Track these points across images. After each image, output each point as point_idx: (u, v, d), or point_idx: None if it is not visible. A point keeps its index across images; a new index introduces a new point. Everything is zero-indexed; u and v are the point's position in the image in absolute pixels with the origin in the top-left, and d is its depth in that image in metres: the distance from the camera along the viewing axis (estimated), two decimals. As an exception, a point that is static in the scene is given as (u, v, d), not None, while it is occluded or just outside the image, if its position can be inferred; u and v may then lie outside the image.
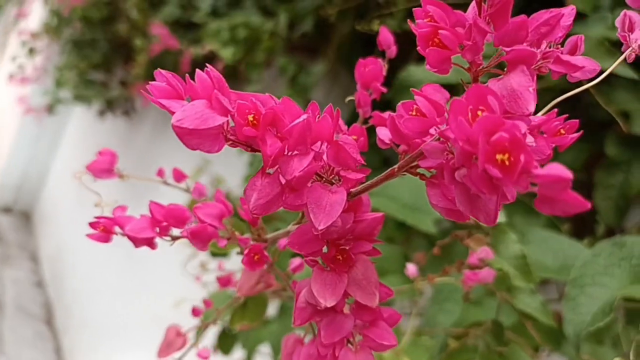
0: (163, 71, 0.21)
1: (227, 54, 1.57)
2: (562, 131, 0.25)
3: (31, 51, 2.78)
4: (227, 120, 0.21)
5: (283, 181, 0.22)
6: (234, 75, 1.68)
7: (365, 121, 0.35)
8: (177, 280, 1.03)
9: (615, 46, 0.82)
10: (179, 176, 0.41)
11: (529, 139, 0.19)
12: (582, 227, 1.02)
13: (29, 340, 2.63)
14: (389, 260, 0.69)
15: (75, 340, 2.55)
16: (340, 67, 1.42)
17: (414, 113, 0.20)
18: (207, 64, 0.23)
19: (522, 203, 0.96)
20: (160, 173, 0.41)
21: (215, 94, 0.20)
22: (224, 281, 0.45)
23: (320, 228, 0.22)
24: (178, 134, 0.19)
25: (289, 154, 0.22)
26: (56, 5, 2.43)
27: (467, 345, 0.58)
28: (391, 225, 0.85)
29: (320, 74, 1.48)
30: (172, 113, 0.20)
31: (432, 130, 0.20)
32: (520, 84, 0.19)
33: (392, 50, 0.35)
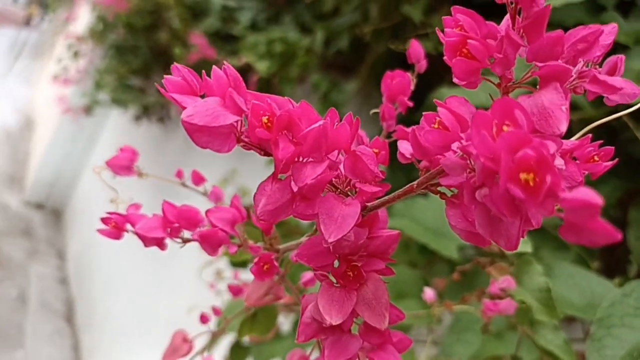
0: (179, 65, 0.21)
1: (262, 67, 1.59)
2: (596, 158, 0.23)
3: (76, 54, 2.87)
4: (240, 120, 0.20)
5: (295, 188, 0.21)
6: (267, 89, 1.70)
7: (389, 135, 0.34)
8: (196, 286, 1.03)
9: (658, 79, 0.79)
10: (197, 179, 0.40)
11: (559, 161, 0.18)
12: (614, 266, 0.98)
13: (48, 335, 2.67)
14: (409, 284, 0.67)
15: (94, 339, 2.58)
16: (373, 86, 1.41)
17: (436, 125, 0.19)
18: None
19: (551, 236, 0.93)
20: (179, 174, 0.41)
21: (229, 92, 0.20)
22: (236, 290, 0.44)
23: (330, 240, 0.21)
24: (187, 130, 0.19)
25: (303, 160, 0.21)
26: (103, 11, 2.51)
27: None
28: (414, 248, 0.84)
29: (352, 92, 1.48)
30: (184, 108, 0.19)
31: (454, 146, 0.19)
32: (552, 101, 0.18)
33: (422, 65, 0.34)
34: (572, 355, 0.50)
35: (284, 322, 0.94)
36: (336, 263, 0.26)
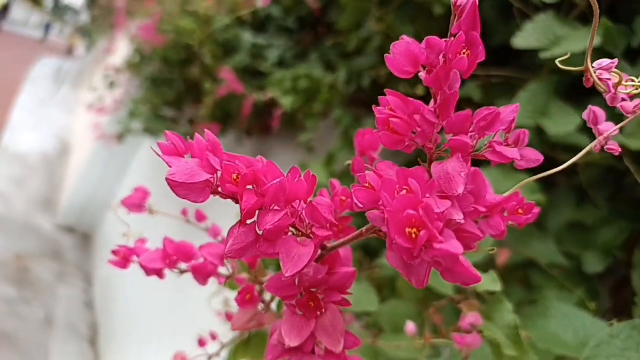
0: (169, 133, 0.26)
1: (287, 102, 1.64)
2: (520, 211, 0.28)
3: (111, 84, 3.01)
4: (215, 177, 0.25)
5: (259, 232, 0.26)
6: (291, 123, 1.76)
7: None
8: (210, 315, 1.08)
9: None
10: (200, 217, 0.45)
11: (458, 216, 0.22)
12: (622, 307, 0.99)
13: (72, 357, 2.74)
14: (404, 318, 0.70)
15: (115, 363, 2.63)
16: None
17: (367, 185, 0.24)
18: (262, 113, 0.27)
19: (555, 279, 0.95)
20: (184, 213, 0.46)
21: (207, 154, 0.25)
22: (231, 316, 0.48)
23: (287, 275, 0.26)
24: (170, 185, 0.24)
25: (268, 209, 0.26)
26: (140, 45, 2.62)
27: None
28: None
29: (372, 128, 1.52)
30: (170, 167, 0.24)
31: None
32: (455, 169, 0.22)
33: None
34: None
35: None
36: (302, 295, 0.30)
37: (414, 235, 0.18)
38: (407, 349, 0.65)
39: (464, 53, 0.22)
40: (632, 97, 0.32)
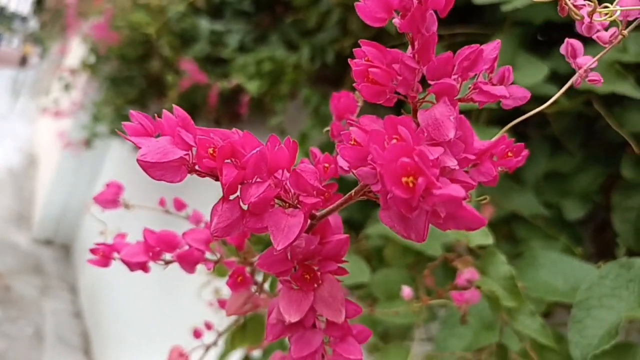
0: (134, 112, 0.24)
1: (252, 87, 1.62)
2: (510, 154, 0.27)
3: (67, 87, 2.92)
4: (190, 154, 0.23)
5: (244, 206, 0.25)
6: (260, 107, 1.73)
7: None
8: (201, 307, 1.06)
9: (627, 68, 0.83)
10: (179, 205, 0.44)
11: (452, 162, 0.21)
12: (604, 250, 1.00)
13: (67, 369, 2.70)
14: (398, 284, 0.70)
15: (111, 369, 2.60)
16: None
17: (352, 142, 0.22)
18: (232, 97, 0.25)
19: (539, 229, 0.95)
20: (161, 202, 0.44)
21: (178, 130, 0.23)
22: (223, 303, 0.47)
23: (279, 248, 0.25)
24: (142, 167, 0.22)
25: (250, 182, 0.25)
26: (94, 44, 2.56)
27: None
28: (411, 253, 0.86)
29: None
30: (140, 148, 0.23)
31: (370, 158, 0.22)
32: (442, 113, 0.21)
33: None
34: (550, 338, 0.53)
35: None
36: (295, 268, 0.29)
37: (411, 184, 0.17)
38: (405, 314, 0.65)
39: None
40: (606, 28, 0.31)
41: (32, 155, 5.79)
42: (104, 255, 0.35)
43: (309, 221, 0.28)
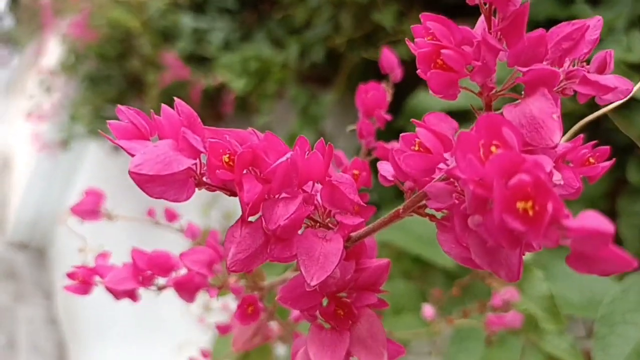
0: (124, 108, 0.18)
1: (238, 85, 1.57)
2: (592, 160, 0.22)
3: (48, 89, 2.83)
4: (198, 162, 0.18)
5: (268, 230, 0.19)
6: (245, 107, 1.68)
7: (369, 152, 0.32)
8: (187, 319, 1.00)
9: (633, 69, 0.79)
10: (170, 216, 0.38)
11: (556, 177, 0.16)
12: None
13: (42, 379, 2.60)
14: (405, 297, 0.64)
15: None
16: (351, 96, 1.40)
17: (416, 148, 0.17)
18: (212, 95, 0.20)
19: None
20: (150, 213, 0.38)
21: (183, 131, 0.17)
22: (224, 329, 0.41)
23: (313, 284, 0.19)
24: (137, 182, 0.16)
25: (275, 197, 0.19)
26: (72, 43, 2.48)
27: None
28: (406, 258, 0.81)
29: (330, 104, 1.47)
30: (132, 156, 0.17)
31: (441, 165, 0.17)
32: (542, 110, 0.16)
33: (397, 74, 0.32)
34: (579, 358, 0.48)
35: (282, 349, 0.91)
36: (325, 302, 0.23)
37: (530, 212, 0.12)
38: (411, 333, 0.60)
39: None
40: None
41: (5, 157, 5.62)
42: (83, 281, 0.29)
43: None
